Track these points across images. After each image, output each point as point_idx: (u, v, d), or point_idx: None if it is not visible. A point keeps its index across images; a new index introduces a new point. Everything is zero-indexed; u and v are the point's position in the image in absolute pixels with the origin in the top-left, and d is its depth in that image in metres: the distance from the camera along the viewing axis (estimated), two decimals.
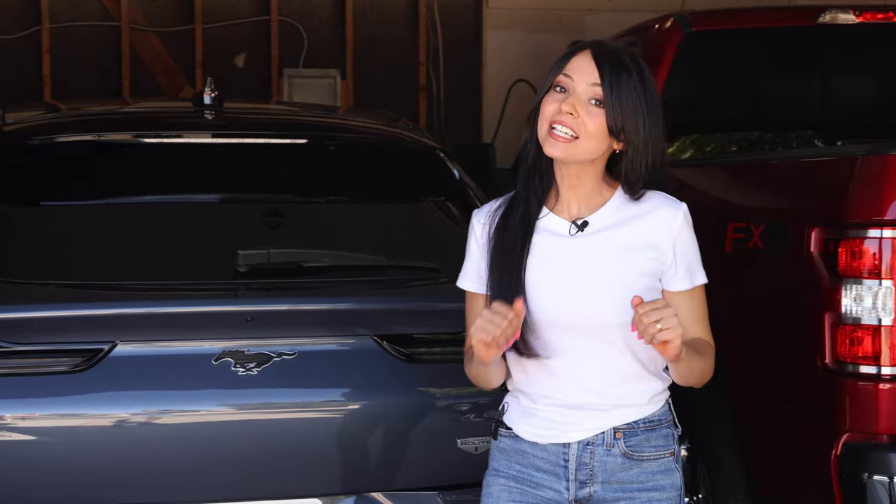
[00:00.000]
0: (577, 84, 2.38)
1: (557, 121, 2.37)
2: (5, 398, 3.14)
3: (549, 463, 2.48)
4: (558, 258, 2.44)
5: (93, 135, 3.81)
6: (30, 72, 7.80)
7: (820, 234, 3.42)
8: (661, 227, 2.44)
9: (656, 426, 2.49)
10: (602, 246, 2.44)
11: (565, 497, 2.48)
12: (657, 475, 2.48)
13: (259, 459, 3.23)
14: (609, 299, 2.41)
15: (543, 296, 2.43)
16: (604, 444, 2.46)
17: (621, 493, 2.46)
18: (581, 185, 2.45)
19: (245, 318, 3.23)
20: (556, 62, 2.44)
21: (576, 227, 2.44)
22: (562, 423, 2.47)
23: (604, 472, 2.46)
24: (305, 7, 8.18)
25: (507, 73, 8.15)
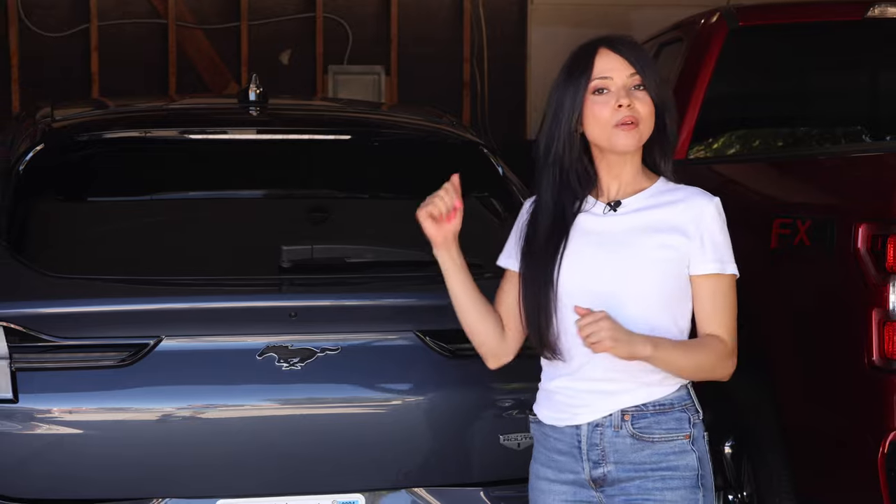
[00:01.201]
0: (616, 80, 2.52)
1: (619, 119, 2.51)
2: (52, 392, 3.17)
3: (566, 444, 2.59)
4: (587, 234, 2.57)
5: (139, 131, 3.84)
6: (77, 69, 7.88)
7: (867, 230, 3.39)
8: (691, 214, 2.54)
9: (668, 409, 2.55)
10: (628, 224, 2.56)
11: (582, 477, 2.58)
12: (670, 456, 2.54)
13: (302, 454, 3.24)
14: (634, 275, 2.52)
15: (568, 267, 2.55)
16: (612, 425, 2.55)
17: (634, 473, 2.54)
18: (624, 172, 2.58)
19: (289, 314, 3.25)
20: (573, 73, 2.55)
21: (609, 207, 2.57)
22: (573, 406, 2.58)
23: (615, 452, 2.55)
24: (350, 4, 8.20)
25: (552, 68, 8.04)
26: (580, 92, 2.52)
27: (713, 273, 2.53)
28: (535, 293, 2.57)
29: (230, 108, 4.30)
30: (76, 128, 3.84)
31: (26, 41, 7.84)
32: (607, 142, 2.53)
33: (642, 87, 2.52)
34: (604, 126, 2.52)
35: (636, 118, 2.50)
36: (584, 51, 2.57)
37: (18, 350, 3.14)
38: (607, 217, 2.57)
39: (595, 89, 2.52)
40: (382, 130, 4.11)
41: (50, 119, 3.89)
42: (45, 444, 3.18)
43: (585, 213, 2.58)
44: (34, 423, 3.16)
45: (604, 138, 2.53)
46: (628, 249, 2.53)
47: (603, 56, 2.53)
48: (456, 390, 3.32)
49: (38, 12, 7.89)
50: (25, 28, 7.85)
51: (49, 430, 3.17)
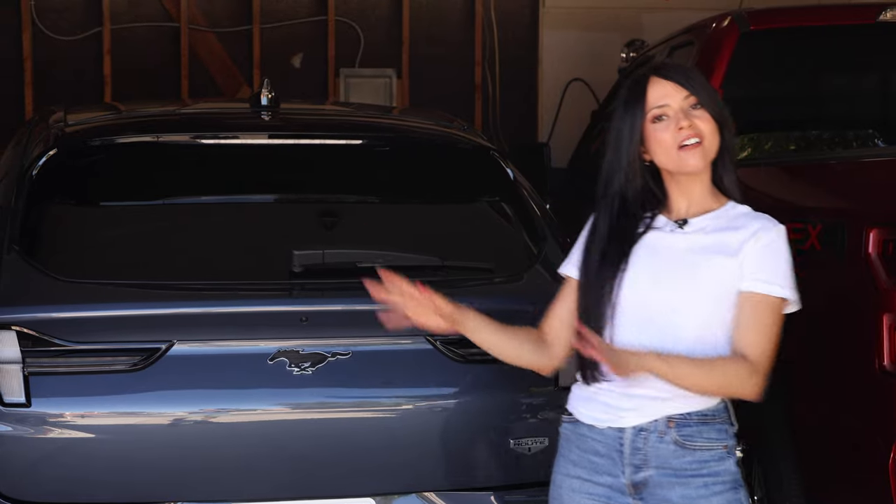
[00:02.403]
0: (672, 105, 2.59)
1: (680, 140, 2.57)
2: (64, 396, 3.19)
3: (605, 447, 2.60)
4: (650, 249, 2.61)
5: (151, 136, 3.86)
6: (90, 72, 7.90)
7: (878, 234, 3.38)
8: (750, 236, 2.58)
9: (710, 420, 2.58)
10: (691, 243, 2.60)
11: (621, 482, 2.58)
12: (711, 462, 2.57)
13: (313, 458, 3.26)
14: (685, 290, 2.55)
15: (628, 280, 2.58)
16: (657, 431, 2.57)
17: (675, 479, 2.56)
18: (693, 191, 2.63)
19: (300, 318, 3.26)
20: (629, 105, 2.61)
21: (676, 224, 2.61)
22: (618, 409, 2.59)
23: (657, 457, 2.57)
24: (362, 7, 8.21)
25: (563, 72, 8.13)
26: (637, 122, 2.59)
27: (756, 291, 2.55)
28: (588, 305, 2.59)
29: (242, 112, 4.31)
30: (89, 132, 3.86)
31: (39, 45, 7.87)
32: (675, 165, 2.58)
33: (699, 106, 2.58)
34: (668, 150, 2.58)
35: (699, 134, 2.56)
36: (636, 84, 2.63)
37: (31, 354, 3.16)
38: (673, 234, 2.61)
39: (654, 118, 2.59)
40: (393, 135, 4.12)
41: (63, 124, 3.91)
42: (58, 448, 3.19)
43: (652, 231, 2.62)
44: (46, 426, 3.18)
45: (671, 162, 2.59)
46: (687, 268, 2.57)
47: (655, 85, 2.59)
48: (466, 395, 3.33)
49: (50, 16, 7.92)
50: (38, 31, 7.88)
51: (61, 433, 3.19)
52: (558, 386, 3.36)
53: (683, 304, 2.55)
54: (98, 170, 3.76)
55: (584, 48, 8.15)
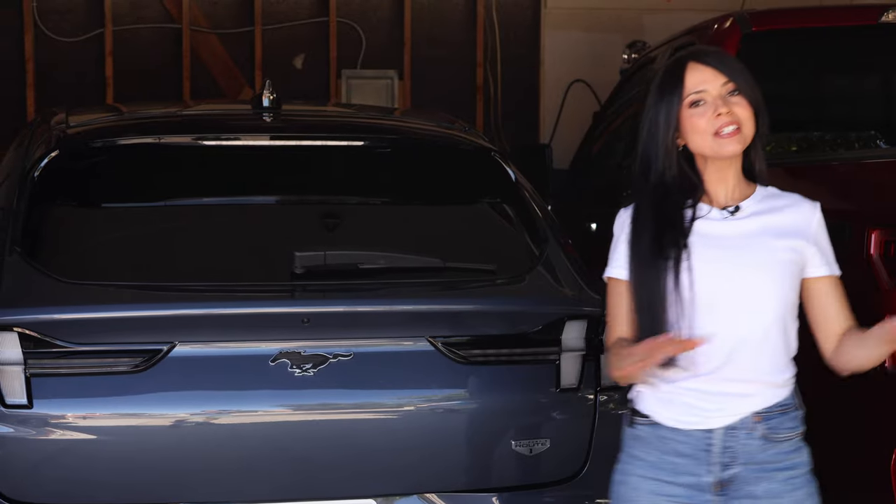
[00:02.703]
0: (711, 91, 2.56)
1: (718, 126, 2.55)
2: (66, 397, 3.19)
3: (691, 448, 2.59)
4: (711, 239, 2.59)
5: (153, 137, 3.86)
6: (92, 74, 7.91)
7: (880, 235, 3.39)
8: (802, 220, 2.62)
9: (788, 409, 2.61)
10: (751, 227, 2.60)
11: (705, 480, 2.58)
12: (791, 454, 2.60)
13: (315, 460, 3.25)
14: (762, 273, 2.56)
15: (704, 275, 2.56)
16: (745, 427, 2.58)
17: (761, 474, 2.58)
18: (729, 176, 2.62)
19: (302, 320, 3.26)
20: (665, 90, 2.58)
21: (728, 212, 2.61)
22: (704, 409, 2.58)
23: (745, 453, 2.58)
24: (364, 8, 8.22)
25: (565, 73, 8.13)
26: (674, 108, 2.57)
27: (833, 274, 2.63)
28: (654, 302, 2.56)
29: (243, 114, 4.32)
30: (90, 134, 3.86)
31: (41, 46, 7.88)
32: (711, 150, 2.57)
33: (737, 93, 2.56)
34: (703, 135, 2.56)
35: (737, 121, 2.55)
36: (673, 68, 2.60)
37: (33, 356, 3.16)
38: (728, 221, 2.60)
39: (691, 103, 2.57)
40: (395, 136, 4.12)
41: (65, 125, 3.91)
42: (59, 450, 3.19)
43: (703, 220, 2.60)
44: (48, 428, 3.18)
45: (707, 147, 2.57)
46: (754, 253, 2.57)
47: (693, 70, 2.57)
48: (468, 396, 3.33)
49: (53, 17, 7.93)
50: (41, 33, 7.89)
51: (63, 435, 3.18)
52: (560, 387, 3.36)
53: (757, 289, 2.56)
54: (100, 171, 3.76)
55: (586, 49, 8.15)
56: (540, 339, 3.34)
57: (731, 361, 2.56)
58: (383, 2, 8.23)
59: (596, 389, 3.36)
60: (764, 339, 2.57)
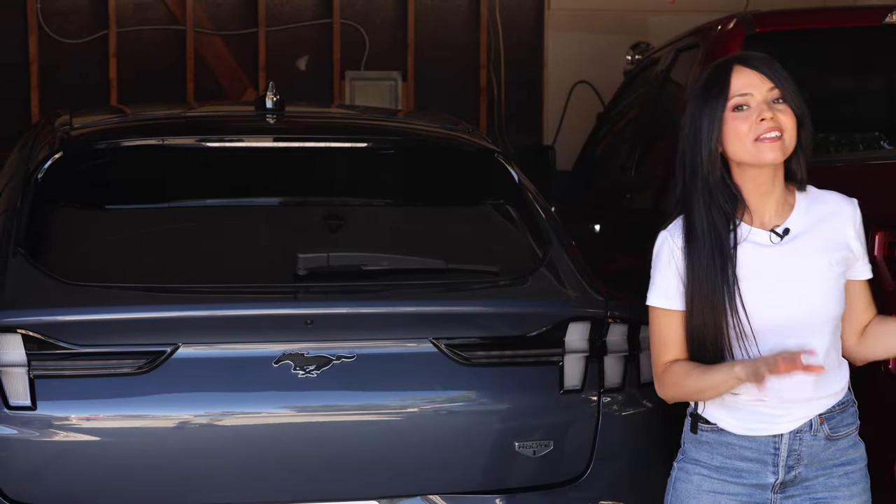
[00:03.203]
0: (756, 96, 2.53)
1: (760, 132, 2.51)
2: (70, 399, 3.19)
3: (757, 452, 2.60)
4: (766, 267, 2.57)
5: (157, 139, 3.86)
6: (96, 75, 7.92)
7: (885, 237, 3.39)
8: (847, 224, 2.62)
9: (846, 406, 2.65)
10: (805, 249, 2.58)
11: (768, 482, 2.60)
12: (849, 450, 2.65)
13: (318, 461, 3.25)
14: (820, 298, 2.57)
15: (759, 305, 2.55)
16: (811, 430, 2.60)
17: (821, 471, 2.61)
18: (773, 191, 2.59)
19: (305, 321, 3.26)
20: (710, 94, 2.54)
21: (777, 235, 2.58)
22: (771, 416, 2.60)
23: (809, 454, 2.61)
24: (367, 10, 8.22)
25: (569, 74, 8.14)
26: (718, 111, 2.53)
27: (868, 277, 2.66)
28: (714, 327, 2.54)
29: (247, 115, 4.32)
30: (94, 136, 3.86)
31: (45, 48, 7.89)
32: (751, 156, 2.53)
33: (782, 100, 2.53)
34: (744, 140, 2.52)
35: (780, 128, 2.52)
36: (718, 70, 2.56)
37: (36, 357, 3.16)
38: (779, 247, 2.57)
39: (735, 106, 2.53)
40: (398, 138, 4.12)
41: (68, 127, 3.91)
42: (63, 451, 3.19)
43: (750, 243, 2.56)
44: (52, 430, 3.18)
45: (746, 153, 2.53)
46: (812, 277, 2.56)
47: (739, 73, 2.54)
48: (471, 398, 3.33)
49: (57, 19, 7.94)
50: (45, 35, 7.90)
51: (66, 437, 3.18)
52: (563, 389, 3.36)
53: (815, 312, 2.56)
54: (103, 173, 3.77)
55: (590, 50, 8.15)
56: (543, 341, 3.34)
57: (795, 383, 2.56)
58: (387, 3, 8.23)
59: (599, 391, 3.36)
60: (825, 359, 2.58)
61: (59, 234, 3.56)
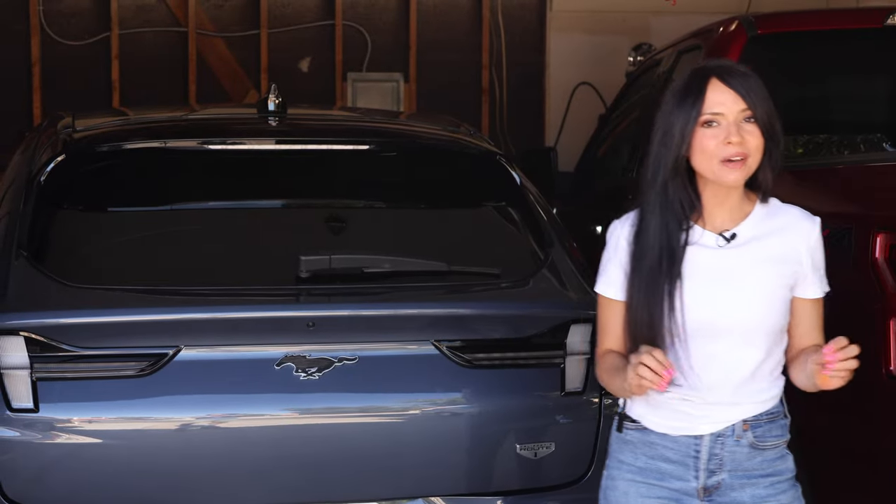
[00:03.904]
0: (728, 115, 2.54)
1: (726, 155, 2.53)
2: (72, 401, 3.19)
3: (678, 454, 2.60)
4: (708, 268, 2.58)
5: (159, 142, 3.86)
6: (98, 77, 7.92)
7: (885, 239, 3.39)
8: (800, 240, 2.60)
9: (775, 417, 2.64)
10: (749, 256, 2.58)
11: (692, 486, 2.60)
12: (776, 461, 2.63)
13: (319, 464, 3.26)
14: (757, 306, 2.56)
15: (693, 305, 2.56)
16: (734, 435, 2.59)
17: (746, 480, 2.60)
18: (729, 200, 2.60)
19: (307, 324, 3.26)
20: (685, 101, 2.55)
21: (724, 239, 2.59)
22: (692, 416, 2.60)
23: (732, 461, 2.60)
24: (369, 11, 8.22)
25: (571, 75, 8.14)
26: (690, 123, 2.54)
27: (819, 297, 2.63)
28: (650, 322, 2.56)
29: (249, 117, 4.32)
30: (97, 138, 3.87)
31: (48, 50, 7.90)
32: (713, 175, 2.55)
33: (753, 120, 2.53)
34: (710, 158, 2.54)
35: (745, 153, 2.53)
36: (696, 79, 2.56)
37: (39, 360, 3.16)
38: (725, 250, 2.58)
39: (705, 122, 2.54)
40: (399, 140, 4.12)
41: (71, 129, 3.92)
42: (65, 454, 3.20)
43: (697, 245, 2.58)
44: (54, 432, 3.18)
45: (710, 171, 2.55)
46: (752, 284, 2.56)
47: (714, 88, 2.53)
48: (473, 400, 3.33)
49: (59, 21, 7.95)
50: (47, 37, 7.91)
51: (68, 439, 3.19)
52: (565, 391, 3.36)
53: (751, 320, 2.56)
54: (106, 175, 3.77)
55: (592, 52, 8.15)
56: (545, 343, 3.35)
57: (721, 387, 2.57)
58: (389, 5, 8.24)
59: (601, 393, 3.36)
60: (755, 368, 2.58)
61: (61, 236, 3.56)
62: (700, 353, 2.56)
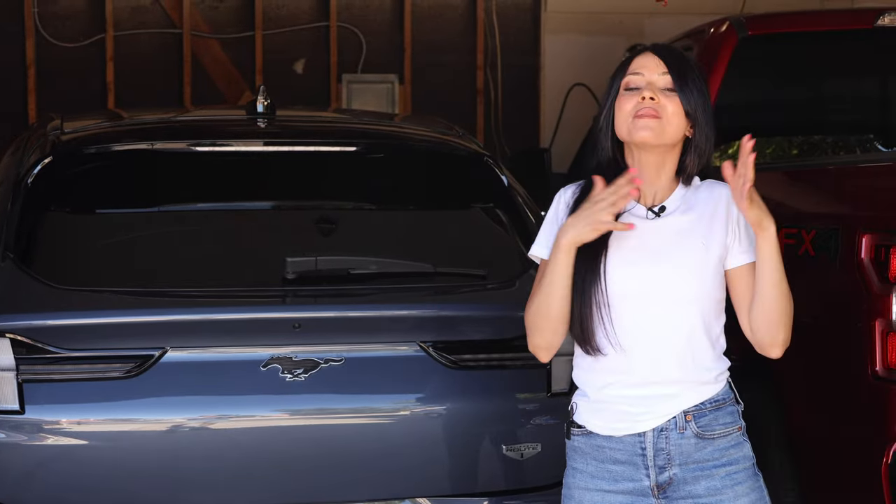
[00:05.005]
0: (649, 76, 2.56)
1: (640, 109, 2.53)
2: (59, 403, 3.20)
3: (626, 454, 2.59)
4: (637, 239, 2.58)
5: (146, 143, 3.87)
6: (93, 79, 7.92)
7: (871, 240, 3.39)
8: (722, 210, 2.59)
9: (722, 405, 2.60)
10: (676, 226, 2.59)
11: (645, 485, 2.58)
12: (730, 450, 2.59)
13: (306, 465, 3.26)
14: (685, 275, 2.56)
15: (623, 274, 2.57)
16: (676, 427, 2.57)
17: (700, 472, 2.58)
18: (660, 178, 2.61)
19: (293, 325, 3.27)
20: (618, 69, 2.62)
21: (653, 212, 2.60)
22: (633, 414, 2.58)
23: (680, 454, 2.57)
24: (364, 13, 8.23)
25: (565, 77, 8.14)
26: (615, 90, 2.59)
27: (750, 262, 2.59)
28: (583, 289, 2.57)
29: (238, 119, 4.32)
30: (84, 140, 3.87)
31: (43, 51, 7.90)
32: (628, 134, 2.55)
33: (673, 91, 2.53)
34: (625, 117, 2.55)
35: (657, 112, 2.52)
36: (631, 51, 2.63)
37: (25, 361, 3.17)
38: (653, 221, 2.59)
39: (626, 86, 2.57)
40: (387, 142, 4.12)
41: (59, 131, 3.92)
42: (52, 455, 3.21)
43: (628, 214, 2.58)
44: (40, 434, 3.19)
45: (624, 130, 2.56)
46: (681, 252, 2.57)
47: (643, 56, 2.58)
48: (459, 401, 3.34)
49: (54, 23, 7.95)
50: (42, 38, 7.91)
51: (55, 441, 3.20)
52: (551, 392, 3.37)
53: (679, 290, 2.55)
54: (93, 177, 3.78)
55: (586, 53, 8.15)
56: None
57: (656, 362, 2.56)
58: (384, 6, 8.24)
59: None
60: (688, 339, 2.56)
61: (48, 238, 3.57)
62: (630, 323, 2.55)
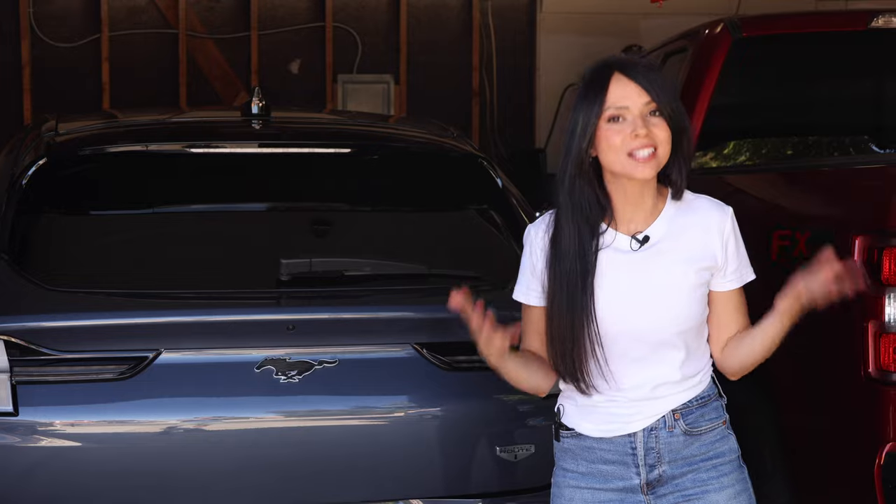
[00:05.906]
0: (632, 109, 2.51)
1: (634, 147, 2.50)
2: (53, 405, 3.21)
3: (616, 454, 2.60)
4: (623, 273, 2.55)
5: (140, 145, 3.87)
6: (89, 79, 7.92)
7: (864, 242, 3.39)
8: (714, 234, 2.57)
9: (707, 401, 2.62)
10: (664, 258, 2.56)
11: (635, 483, 2.60)
12: (716, 444, 2.61)
13: (299, 466, 3.27)
14: (673, 308, 2.55)
15: (612, 311, 2.55)
16: (666, 426, 2.59)
17: (687, 468, 2.60)
18: (643, 201, 2.57)
19: (287, 327, 3.27)
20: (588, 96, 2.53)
21: (637, 242, 2.56)
22: (624, 416, 2.60)
23: (669, 451, 2.59)
24: (360, 13, 8.23)
25: (561, 77, 8.14)
26: (593, 118, 2.51)
27: (738, 287, 2.60)
28: (571, 332, 2.55)
29: (232, 121, 4.33)
30: (79, 142, 3.87)
31: (38, 51, 7.90)
32: (623, 168, 2.52)
33: (658, 114, 2.52)
34: (617, 152, 2.51)
35: (653, 144, 2.50)
36: (597, 75, 2.54)
37: (19, 363, 3.17)
38: (638, 253, 2.55)
39: (610, 117, 2.52)
40: (381, 143, 4.13)
41: (53, 133, 3.92)
42: (45, 457, 3.21)
43: (610, 249, 2.55)
44: (34, 436, 3.19)
45: (619, 165, 2.52)
46: (668, 287, 2.55)
47: (617, 83, 2.51)
48: (453, 403, 3.34)
49: (49, 23, 7.95)
50: (37, 38, 7.91)
51: (49, 443, 3.20)
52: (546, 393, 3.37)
53: (669, 320, 2.55)
54: (87, 179, 3.78)
55: (582, 53, 8.15)
56: None
57: (647, 382, 2.57)
58: (380, 7, 8.24)
59: None
60: (680, 364, 2.58)
61: (42, 239, 3.57)
62: (622, 359, 2.55)
